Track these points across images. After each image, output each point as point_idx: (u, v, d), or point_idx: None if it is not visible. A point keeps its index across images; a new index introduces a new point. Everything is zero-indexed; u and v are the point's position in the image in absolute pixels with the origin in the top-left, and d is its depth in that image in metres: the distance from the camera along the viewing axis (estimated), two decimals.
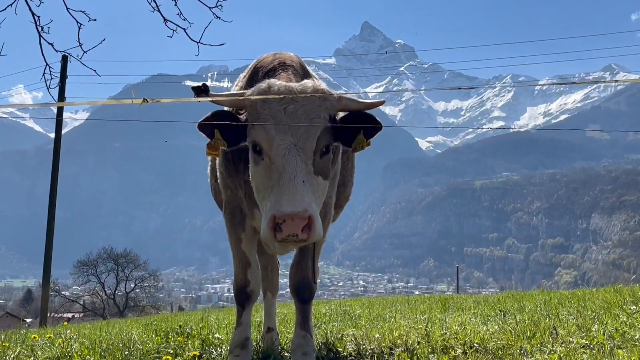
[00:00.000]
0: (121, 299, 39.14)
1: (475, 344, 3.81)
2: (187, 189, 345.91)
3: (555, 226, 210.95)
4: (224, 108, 3.93)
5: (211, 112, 3.69)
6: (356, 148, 3.74)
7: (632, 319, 4.20)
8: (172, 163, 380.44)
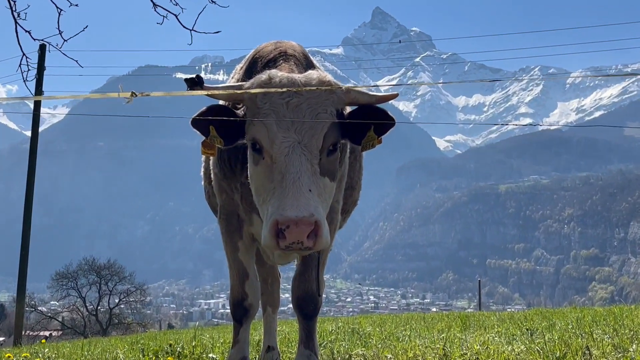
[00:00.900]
0: (104, 316, 39.02)
1: None
2: (178, 194, 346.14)
3: (589, 236, 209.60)
4: (220, 102, 3.94)
5: (206, 107, 3.71)
6: (366, 146, 3.75)
7: None
8: (162, 164, 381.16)
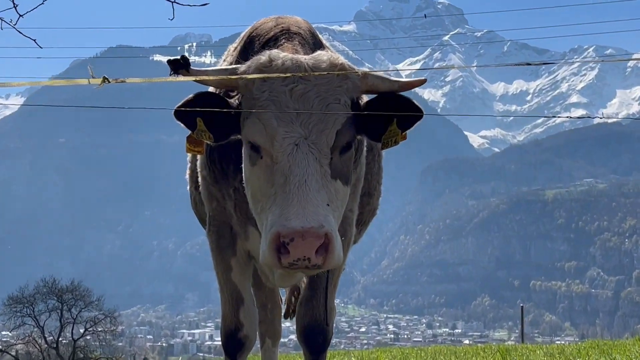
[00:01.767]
0: (67, 349, 38.84)
1: None
2: (157, 201, 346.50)
3: None
4: (209, 89, 3.97)
5: (193, 94, 3.73)
6: (387, 143, 3.78)
7: None
8: (136, 165, 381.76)
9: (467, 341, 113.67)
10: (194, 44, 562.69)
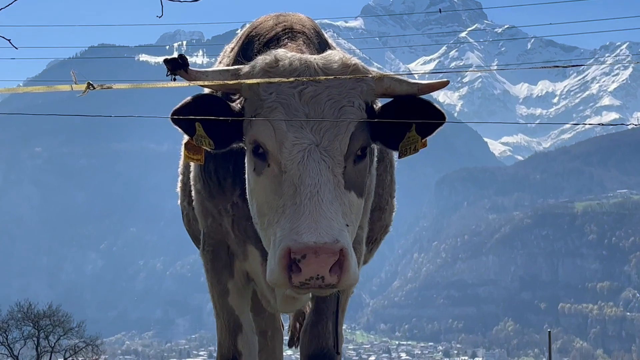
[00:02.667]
0: None
1: None
2: (143, 216, 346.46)
3: None
4: (206, 90, 4.10)
5: (191, 97, 3.79)
6: (406, 150, 3.83)
7: None
8: (120, 177, 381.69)
9: None
10: (184, 43, 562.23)
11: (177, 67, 3.54)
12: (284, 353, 6.65)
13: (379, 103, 3.80)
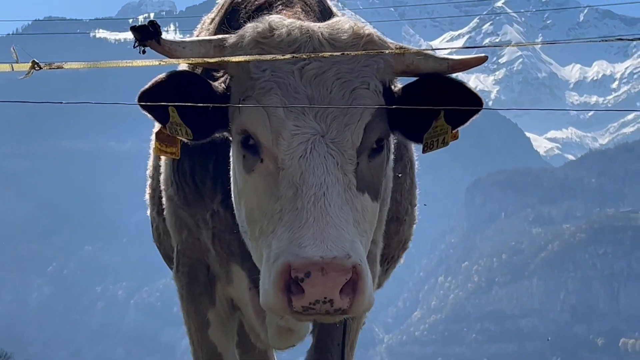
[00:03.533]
0: None
1: None
2: (101, 232, 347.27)
3: None
4: (183, 66, 4.11)
5: (165, 74, 3.80)
6: (432, 144, 3.81)
7: None
8: (72, 182, 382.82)
9: None
10: (152, 15, 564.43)
11: (148, 37, 3.44)
12: None
13: (399, 84, 3.76)
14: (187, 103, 3.64)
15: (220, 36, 3.79)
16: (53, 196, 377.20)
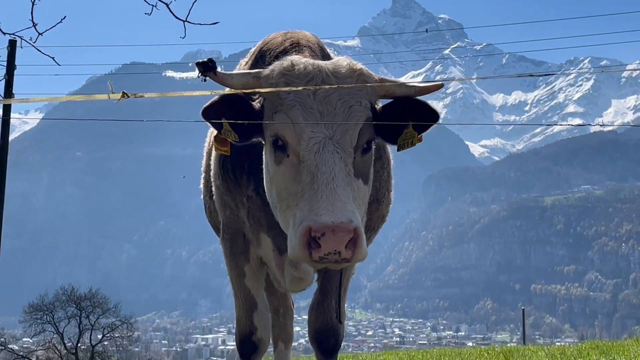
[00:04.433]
0: (85, 354, 38.48)
1: None
2: (170, 211, 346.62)
3: None
4: (228, 90, 3.96)
5: (219, 96, 3.83)
6: (404, 145, 3.85)
7: None
8: (150, 177, 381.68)
9: (471, 343, 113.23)
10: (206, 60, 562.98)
11: (207, 70, 3.56)
12: (294, 328, 6.65)
13: (380, 103, 3.81)
14: (234, 116, 3.72)
15: (256, 70, 3.87)
16: (137, 187, 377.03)
